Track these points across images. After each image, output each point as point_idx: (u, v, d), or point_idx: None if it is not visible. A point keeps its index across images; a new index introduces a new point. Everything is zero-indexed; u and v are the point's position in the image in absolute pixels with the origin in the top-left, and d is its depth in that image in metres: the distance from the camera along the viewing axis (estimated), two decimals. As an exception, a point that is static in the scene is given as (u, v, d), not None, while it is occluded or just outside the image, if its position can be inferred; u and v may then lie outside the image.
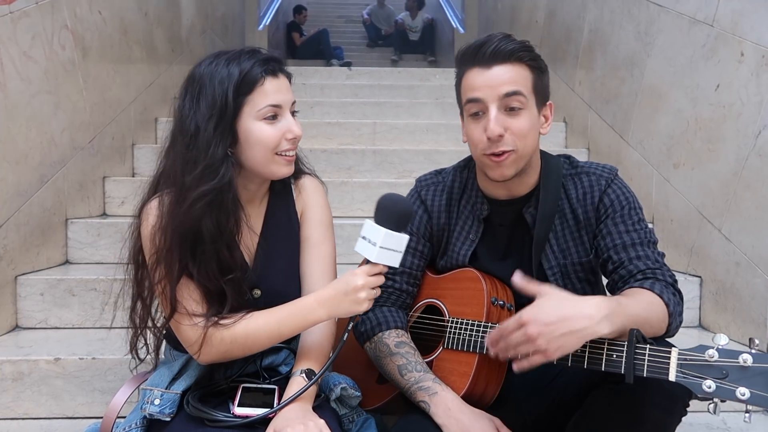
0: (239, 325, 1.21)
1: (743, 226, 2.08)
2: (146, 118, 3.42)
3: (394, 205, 1.17)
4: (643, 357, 1.03)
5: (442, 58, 8.88)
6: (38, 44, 2.23)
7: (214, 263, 1.22)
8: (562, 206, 1.35)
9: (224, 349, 1.21)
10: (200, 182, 1.18)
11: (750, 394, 0.94)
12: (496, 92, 1.26)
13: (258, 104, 1.22)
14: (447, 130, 3.59)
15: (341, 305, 1.18)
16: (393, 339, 1.35)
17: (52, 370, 1.81)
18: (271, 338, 1.23)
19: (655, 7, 2.69)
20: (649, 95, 2.73)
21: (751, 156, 2.03)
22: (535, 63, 1.31)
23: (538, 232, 1.33)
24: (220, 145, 1.20)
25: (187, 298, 1.21)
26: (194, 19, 4.41)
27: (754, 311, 2.02)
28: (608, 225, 1.30)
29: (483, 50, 1.28)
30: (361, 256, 1.19)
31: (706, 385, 0.97)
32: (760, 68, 2.00)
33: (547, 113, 1.36)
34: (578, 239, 1.34)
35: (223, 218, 1.21)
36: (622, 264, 1.25)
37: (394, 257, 1.16)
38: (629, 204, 1.32)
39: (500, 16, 5.76)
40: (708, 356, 0.98)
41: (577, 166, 1.39)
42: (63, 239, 2.45)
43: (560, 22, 3.91)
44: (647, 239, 1.28)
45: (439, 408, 1.22)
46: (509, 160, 1.28)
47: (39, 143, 2.26)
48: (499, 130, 1.25)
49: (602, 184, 1.34)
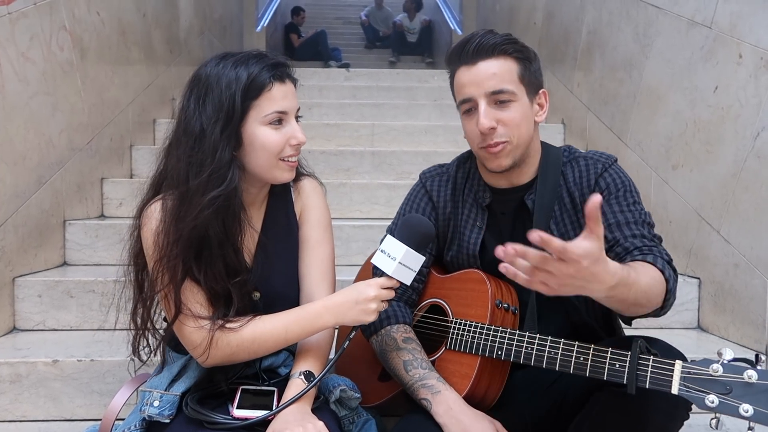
0: (246, 328, 1.21)
1: (742, 228, 2.08)
2: (144, 120, 3.42)
3: (419, 225, 1.22)
4: (647, 368, 1.03)
5: (440, 59, 8.88)
6: (36, 45, 2.23)
7: (221, 266, 1.22)
8: (560, 192, 1.36)
9: (230, 352, 1.21)
10: (207, 187, 1.18)
11: (753, 411, 0.93)
12: (482, 89, 1.29)
13: (265, 109, 1.21)
14: (445, 132, 3.60)
15: (349, 313, 1.20)
16: (401, 334, 1.36)
17: (50, 372, 1.80)
18: (278, 343, 1.23)
19: (653, 9, 2.70)
20: (648, 97, 2.73)
21: (750, 158, 2.03)
22: (521, 53, 1.31)
23: (538, 219, 1.34)
24: (227, 149, 1.19)
25: (191, 301, 1.21)
26: (192, 20, 4.40)
27: (753, 312, 2.03)
28: (603, 206, 1.29)
29: (467, 48, 1.31)
30: (360, 261, 1.20)
31: (709, 400, 0.96)
32: (758, 70, 2.01)
33: (542, 101, 1.36)
34: (576, 223, 1.34)
35: (230, 222, 1.21)
36: (617, 242, 1.25)
37: (409, 275, 1.21)
38: (625, 187, 1.32)
39: (498, 18, 5.77)
40: (712, 371, 0.97)
41: (575, 153, 1.40)
42: (61, 241, 2.44)
43: (558, 23, 3.92)
44: (642, 219, 1.27)
45: (441, 407, 1.22)
46: (505, 150, 1.30)
47: (37, 144, 2.25)
48: (489, 123, 1.27)
49: (599, 167, 1.34)
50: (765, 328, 1.97)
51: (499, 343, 1.25)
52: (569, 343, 1.16)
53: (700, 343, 2.13)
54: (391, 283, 1.20)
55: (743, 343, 2.06)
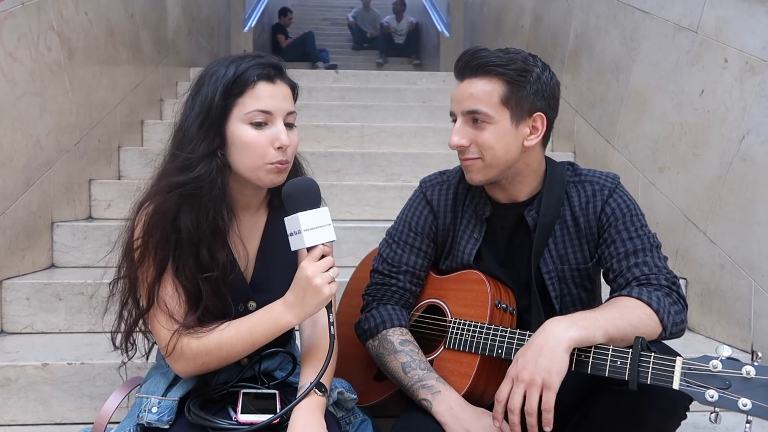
0: (213, 335, 1.19)
1: (727, 229, 2.12)
2: (132, 121, 3.39)
3: (294, 188, 1.18)
4: (648, 364, 1.05)
5: (428, 61, 8.91)
6: (24, 45, 2.21)
7: (191, 261, 1.20)
8: (563, 213, 1.36)
9: (201, 361, 1.19)
10: (176, 174, 1.18)
11: (752, 405, 0.96)
12: (460, 107, 1.30)
13: (247, 107, 1.20)
14: (435, 134, 3.61)
15: (306, 300, 1.15)
16: (397, 337, 1.36)
17: (40, 375, 1.78)
18: (245, 347, 1.20)
19: (640, 14, 2.73)
20: (635, 100, 2.77)
21: (735, 160, 2.07)
22: (508, 76, 1.26)
23: (538, 237, 1.34)
24: (202, 143, 1.18)
25: (170, 295, 1.20)
26: (180, 20, 4.38)
27: (739, 312, 2.06)
28: (611, 233, 1.32)
29: (459, 63, 1.32)
30: (351, 262, 1.19)
31: (708, 395, 0.99)
32: (743, 74, 2.04)
33: (537, 125, 1.31)
34: (577, 246, 1.35)
35: (201, 216, 1.19)
36: (621, 273, 1.28)
37: (326, 232, 1.16)
38: (630, 211, 1.33)
39: (486, 20, 5.80)
40: (712, 366, 1.00)
41: (581, 174, 1.39)
42: (49, 243, 2.42)
43: (546, 27, 3.95)
44: (650, 244, 1.29)
45: (442, 406, 1.23)
46: (476, 166, 1.31)
47: (25, 145, 2.23)
48: (457, 141, 1.29)
49: (605, 193, 1.34)
50: (751, 328, 2.01)
51: (499, 342, 1.27)
52: None
53: (687, 343, 2.16)
54: (318, 251, 1.15)
55: (729, 343, 2.10)
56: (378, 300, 1.45)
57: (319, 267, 1.15)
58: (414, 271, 1.45)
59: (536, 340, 1.10)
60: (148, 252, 1.19)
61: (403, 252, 1.45)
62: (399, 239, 1.46)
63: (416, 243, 1.45)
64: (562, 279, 1.36)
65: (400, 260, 1.44)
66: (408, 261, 1.44)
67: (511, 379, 1.10)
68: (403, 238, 1.46)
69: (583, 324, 1.10)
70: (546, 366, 1.06)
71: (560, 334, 1.08)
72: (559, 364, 1.07)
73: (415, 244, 1.45)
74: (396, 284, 1.44)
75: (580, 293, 1.38)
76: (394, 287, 1.44)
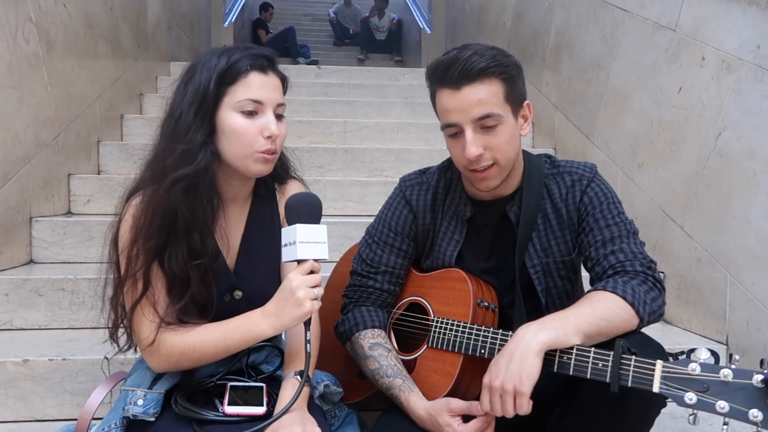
0: (189, 335, 1.19)
1: (704, 224, 2.16)
2: (112, 115, 3.34)
3: (298, 201, 1.19)
4: (629, 368, 1.06)
5: (409, 58, 8.93)
6: (1, 37, 2.17)
7: (184, 248, 1.20)
8: (544, 206, 1.37)
9: (174, 360, 1.20)
10: (178, 166, 1.18)
11: (729, 407, 0.98)
12: (468, 115, 1.25)
13: (238, 96, 1.21)
14: (417, 130, 3.62)
15: (285, 311, 1.14)
16: (368, 340, 1.37)
17: (20, 372, 1.76)
18: (218, 351, 1.20)
19: (620, 12, 2.77)
20: (614, 97, 2.81)
21: (712, 156, 2.11)
22: (506, 73, 1.27)
23: (522, 231, 1.35)
24: (199, 132, 1.19)
25: (159, 288, 1.20)
26: (160, 14, 4.33)
27: (714, 305, 2.11)
28: (589, 222, 1.33)
29: (451, 72, 1.25)
30: (335, 257, 1.19)
31: (687, 398, 1.01)
32: (720, 72, 2.09)
33: (526, 113, 1.34)
34: (560, 238, 1.37)
35: (198, 205, 1.20)
36: (598, 261, 1.29)
37: (319, 249, 1.15)
38: (608, 199, 1.35)
39: (467, 18, 5.82)
40: (691, 370, 1.02)
41: (559, 166, 1.40)
42: (27, 238, 2.38)
43: (527, 24, 3.99)
44: (626, 230, 1.31)
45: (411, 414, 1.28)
46: (493, 172, 1.29)
47: (2, 139, 2.19)
48: (477, 151, 1.25)
49: (584, 183, 1.36)
50: (726, 320, 2.06)
51: (482, 342, 1.27)
52: None
53: (664, 335, 2.20)
54: (308, 266, 1.15)
55: (705, 334, 2.15)
56: (354, 302, 1.45)
57: (305, 281, 1.14)
58: (393, 271, 1.45)
59: (508, 347, 1.11)
60: (138, 242, 1.19)
61: (383, 252, 1.45)
62: (379, 239, 1.46)
63: (396, 243, 1.45)
64: (548, 272, 1.37)
65: (380, 261, 1.44)
66: (388, 261, 1.44)
67: (486, 389, 1.11)
68: (383, 238, 1.46)
69: (552, 326, 1.11)
70: (516, 372, 1.07)
71: (529, 339, 1.09)
72: (530, 368, 1.07)
73: (395, 244, 1.45)
74: (374, 285, 1.44)
75: (565, 285, 1.39)
76: (371, 288, 1.44)
